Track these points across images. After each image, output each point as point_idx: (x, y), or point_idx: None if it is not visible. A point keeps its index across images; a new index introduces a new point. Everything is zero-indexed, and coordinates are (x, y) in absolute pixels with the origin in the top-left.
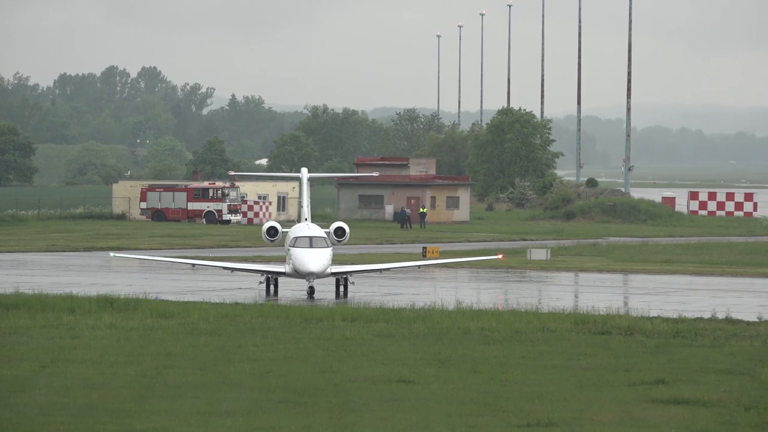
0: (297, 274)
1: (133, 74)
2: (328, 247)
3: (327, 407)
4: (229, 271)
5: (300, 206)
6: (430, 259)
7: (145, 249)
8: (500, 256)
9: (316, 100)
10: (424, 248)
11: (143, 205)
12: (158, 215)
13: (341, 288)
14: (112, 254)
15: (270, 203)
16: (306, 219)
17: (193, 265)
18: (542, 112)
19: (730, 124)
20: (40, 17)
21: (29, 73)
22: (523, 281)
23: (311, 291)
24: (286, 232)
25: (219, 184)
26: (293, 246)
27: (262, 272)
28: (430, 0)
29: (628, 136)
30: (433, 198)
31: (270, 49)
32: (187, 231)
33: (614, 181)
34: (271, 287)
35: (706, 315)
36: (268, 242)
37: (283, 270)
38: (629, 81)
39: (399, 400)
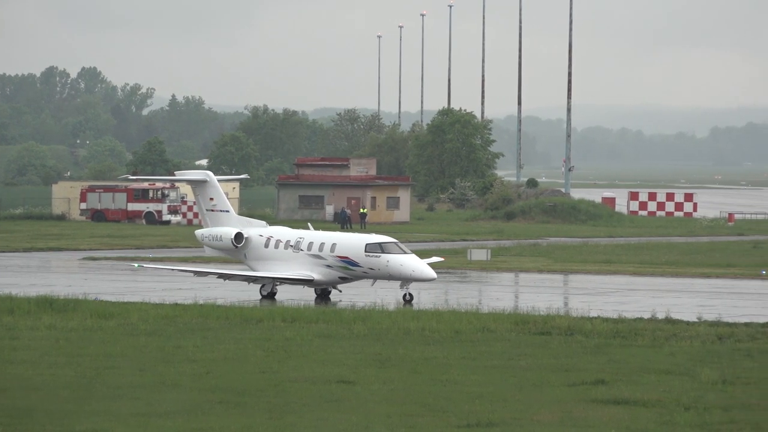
0: (396, 280)
1: (73, 75)
2: None
3: (267, 408)
4: (275, 282)
5: (221, 210)
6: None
7: (86, 249)
8: (442, 258)
9: (257, 100)
10: None
11: (83, 205)
12: (98, 216)
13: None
14: (135, 265)
15: None
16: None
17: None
18: (483, 113)
19: (670, 125)
20: None
21: None
22: (464, 282)
23: (411, 297)
24: (248, 237)
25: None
26: (383, 252)
27: (298, 282)
28: (371, 0)
29: (569, 136)
30: (374, 198)
31: (210, 49)
32: (127, 231)
33: (555, 181)
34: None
35: (646, 315)
36: (229, 247)
37: (311, 277)
38: (569, 81)
39: (339, 401)
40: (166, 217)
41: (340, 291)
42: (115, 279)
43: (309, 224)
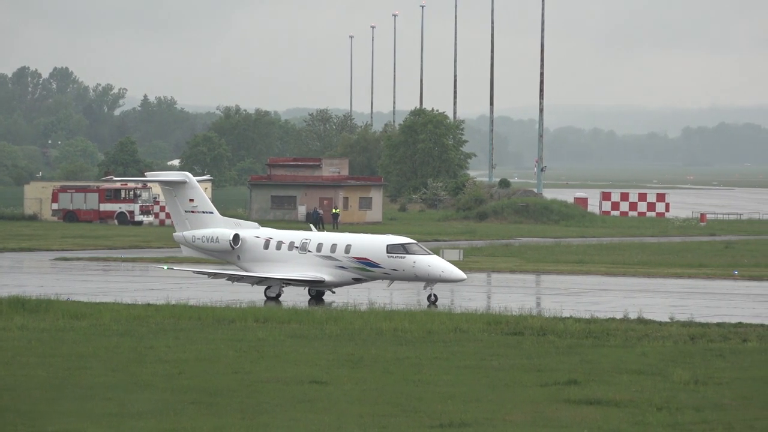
0: (419, 281)
1: (45, 75)
2: None
3: (239, 408)
4: (283, 284)
5: (204, 212)
6: None
7: (57, 250)
8: None
9: (229, 100)
10: None
11: (55, 206)
12: (70, 216)
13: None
14: (165, 267)
15: None
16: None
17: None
18: (455, 113)
19: (642, 125)
20: None
21: None
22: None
23: (436, 298)
24: (243, 238)
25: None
26: (408, 253)
27: (308, 283)
28: (343, 1)
29: (541, 136)
30: (346, 199)
31: (182, 49)
32: (99, 232)
33: (527, 181)
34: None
35: (619, 315)
36: (226, 249)
37: (321, 278)
38: (542, 82)
39: (311, 401)
40: (139, 217)
41: (333, 292)
42: (87, 279)
43: (311, 226)
